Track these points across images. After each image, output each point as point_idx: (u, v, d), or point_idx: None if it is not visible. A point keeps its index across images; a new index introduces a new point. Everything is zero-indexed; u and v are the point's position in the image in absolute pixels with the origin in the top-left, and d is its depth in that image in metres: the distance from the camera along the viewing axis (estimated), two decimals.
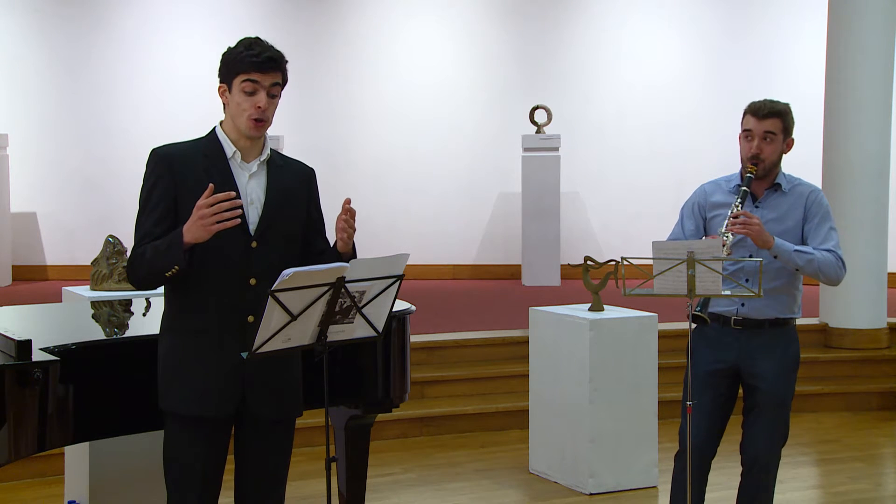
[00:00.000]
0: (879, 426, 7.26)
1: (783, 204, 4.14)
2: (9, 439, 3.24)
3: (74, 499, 4.78)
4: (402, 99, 11.50)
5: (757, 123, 4.08)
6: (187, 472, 3.28)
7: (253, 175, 3.32)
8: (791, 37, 11.22)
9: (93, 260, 5.73)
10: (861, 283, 8.08)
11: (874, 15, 8.08)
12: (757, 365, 4.11)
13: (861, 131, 8.07)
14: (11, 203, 10.83)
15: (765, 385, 4.12)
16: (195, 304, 3.26)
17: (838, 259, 4.07)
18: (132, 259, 3.26)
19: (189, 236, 3.12)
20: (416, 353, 6.33)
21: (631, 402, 5.81)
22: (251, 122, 3.26)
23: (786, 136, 4.12)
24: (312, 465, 6.00)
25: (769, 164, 4.10)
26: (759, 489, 4.19)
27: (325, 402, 3.28)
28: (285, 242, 3.35)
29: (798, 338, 4.22)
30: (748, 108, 4.14)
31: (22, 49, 11.09)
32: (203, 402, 3.25)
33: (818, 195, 4.16)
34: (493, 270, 11.51)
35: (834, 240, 4.09)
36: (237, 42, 3.30)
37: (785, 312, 4.15)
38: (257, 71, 3.23)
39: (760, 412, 4.14)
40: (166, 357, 3.32)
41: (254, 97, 3.25)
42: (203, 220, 3.10)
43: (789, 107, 4.16)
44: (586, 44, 11.56)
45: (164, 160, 3.27)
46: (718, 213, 4.15)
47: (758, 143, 4.07)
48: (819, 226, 4.10)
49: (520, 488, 5.91)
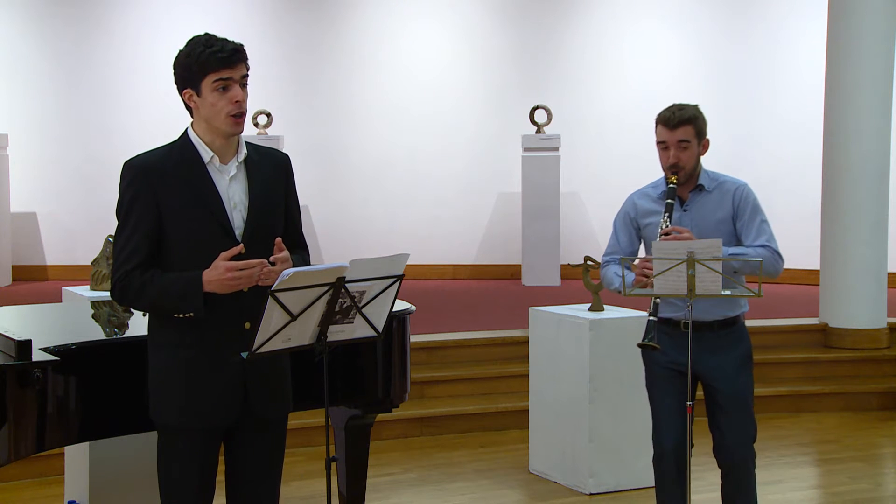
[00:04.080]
0: (879, 426, 7.26)
1: (710, 202, 4.17)
2: (9, 439, 3.24)
3: (74, 499, 4.78)
4: (403, 99, 11.50)
5: (669, 134, 4.11)
6: (185, 483, 3.25)
7: (233, 178, 3.25)
8: (791, 37, 11.22)
9: (93, 260, 5.74)
10: (861, 283, 8.09)
11: (874, 15, 8.08)
12: (711, 366, 4.14)
13: (861, 131, 8.06)
14: (11, 203, 10.83)
15: (722, 384, 4.14)
16: (190, 317, 3.19)
17: (773, 252, 4.09)
18: (124, 283, 3.17)
19: (209, 287, 3.11)
20: (416, 353, 6.31)
21: (631, 402, 5.80)
22: (231, 119, 3.19)
23: (700, 139, 4.15)
24: (312, 465, 6.00)
25: (689, 170, 4.13)
26: (740, 488, 4.20)
27: (325, 402, 3.28)
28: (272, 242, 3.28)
29: (748, 334, 4.26)
30: (658, 118, 4.15)
31: (22, 49, 11.09)
32: (206, 413, 3.22)
33: (744, 190, 4.18)
34: (493, 270, 11.51)
35: (767, 233, 4.13)
36: (189, 44, 3.20)
37: (732, 311, 4.17)
38: (227, 67, 3.17)
39: (723, 412, 4.17)
40: (162, 371, 3.25)
41: (229, 93, 3.18)
42: (232, 283, 3.10)
43: (698, 109, 4.18)
44: (586, 44, 11.57)
45: (142, 174, 3.19)
46: (650, 220, 4.20)
47: (674, 152, 4.10)
48: (750, 221, 4.14)
49: (520, 488, 5.91)
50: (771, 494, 5.67)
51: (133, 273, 3.17)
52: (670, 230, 3.99)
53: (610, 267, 4.28)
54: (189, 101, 3.24)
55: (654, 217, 4.18)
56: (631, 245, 4.27)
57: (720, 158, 9.40)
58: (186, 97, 3.23)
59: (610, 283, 4.25)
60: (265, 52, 11.14)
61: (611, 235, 4.35)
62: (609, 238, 4.36)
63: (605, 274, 4.29)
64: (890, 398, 7.67)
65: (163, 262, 3.20)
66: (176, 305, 3.15)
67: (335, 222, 11.31)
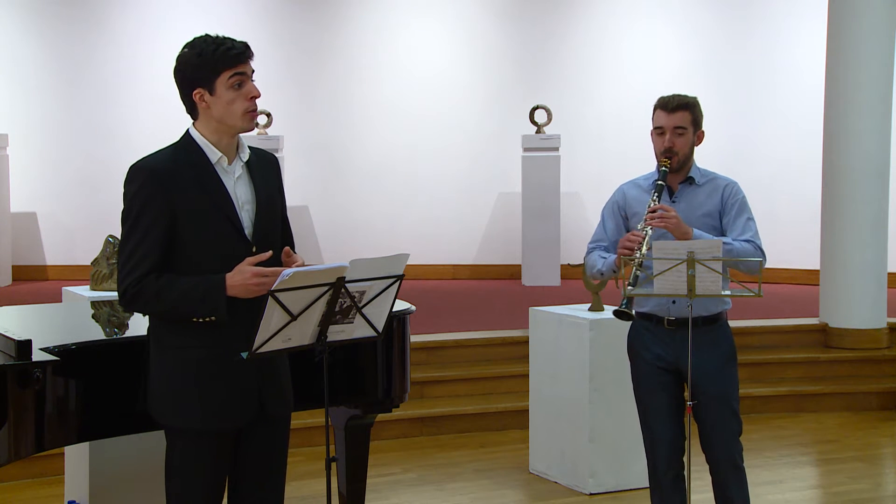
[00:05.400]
0: (879, 426, 7.26)
1: (699, 195, 4.19)
2: (9, 439, 3.24)
3: (74, 499, 4.78)
4: (403, 99, 11.49)
5: (667, 118, 4.12)
6: (195, 485, 3.24)
7: (239, 178, 3.26)
8: (791, 38, 11.21)
9: (93, 260, 5.73)
10: (861, 283, 8.09)
11: (874, 15, 8.08)
12: (695, 363, 4.13)
13: (861, 131, 8.06)
14: (11, 203, 10.83)
15: (706, 381, 4.14)
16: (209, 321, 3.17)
17: (757, 248, 4.11)
18: (138, 289, 3.13)
19: (232, 292, 3.11)
20: (416, 353, 6.32)
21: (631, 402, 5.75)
22: (248, 115, 3.21)
23: (696, 129, 4.17)
24: (312, 465, 6.00)
25: (682, 157, 4.14)
26: (731, 485, 4.21)
27: (325, 402, 3.28)
28: (277, 241, 3.31)
29: (731, 330, 4.26)
30: (657, 103, 4.18)
31: (22, 49, 11.09)
32: (224, 415, 3.21)
33: (734, 188, 4.21)
34: (493, 270, 11.50)
35: (752, 230, 4.15)
36: (195, 46, 3.19)
37: (715, 307, 4.17)
38: (241, 63, 3.19)
39: (709, 409, 4.17)
40: (172, 374, 3.21)
41: (244, 88, 3.20)
42: (257, 289, 3.10)
43: (697, 99, 4.20)
44: (587, 44, 11.56)
45: (153, 177, 3.16)
46: (638, 210, 4.20)
47: (670, 136, 4.11)
48: (737, 218, 4.15)
49: (520, 488, 5.91)
50: (771, 494, 5.67)
51: (147, 278, 3.14)
52: (657, 208, 4.01)
53: (595, 252, 4.28)
54: (200, 101, 3.20)
55: (642, 207, 4.17)
56: (618, 233, 4.25)
57: (720, 158, 9.44)
58: (197, 97, 3.20)
59: (592, 265, 4.24)
60: (265, 52, 11.08)
61: (598, 224, 4.36)
62: (596, 227, 4.36)
63: (588, 259, 4.29)
64: (890, 398, 7.67)
65: (173, 264, 3.18)
66: (197, 309, 3.14)
67: (335, 222, 11.31)
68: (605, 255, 4.22)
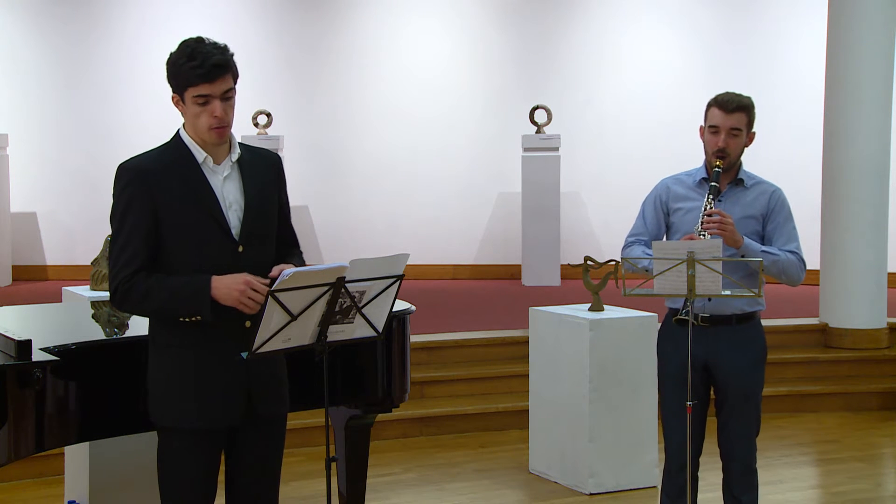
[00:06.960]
0: (879, 426, 7.26)
1: (745, 198, 4.18)
2: (9, 439, 3.24)
3: (74, 499, 4.78)
4: (403, 99, 11.49)
5: (724, 118, 4.10)
6: (187, 484, 3.25)
7: (227, 177, 3.25)
8: (791, 38, 11.21)
9: (93, 260, 5.73)
10: (861, 283, 8.08)
11: (874, 15, 8.07)
12: (726, 360, 4.13)
13: (861, 131, 8.06)
14: (11, 203, 10.82)
15: (735, 380, 4.14)
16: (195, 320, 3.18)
17: (800, 260, 4.13)
18: (127, 287, 3.14)
19: (218, 294, 3.10)
20: (416, 353, 6.33)
21: (631, 402, 5.80)
22: (213, 132, 3.18)
23: (748, 131, 4.16)
24: (312, 465, 6.00)
25: (734, 159, 4.14)
26: (743, 483, 4.21)
27: (325, 402, 3.28)
28: (268, 241, 3.31)
29: (763, 329, 4.25)
30: (714, 101, 4.14)
31: (22, 49, 11.09)
32: (211, 414, 3.21)
33: (781, 195, 4.21)
34: (493, 270, 11.50)
35: (796, 240, 4.16)
36: (178, 48, 3.18)
37: (750, 306, 4.16)
38: (206, 83, 3.13)
39: (733, 407, 4.16)
40: (166, 372, 3.24)
41: (208, 107, 3.15)
42: (241, 298, 3.09)
43: (752, 100, 4.19)
44: (587, 44, 11.56)
45: (139, 176, 3.18)
46: (680, 206, 4.19)
47: (724, 137, 4.09)
48: (783, 225, 4.15)
49: (520, 488, 5.91)
50: (771, 494, 5.67)
51: (136, 277, 3.16)
52: (714, 212, 3.98)
53: (637, 246, 4.24)
54: (177, 105, 3.23)
55: (684, 203, 4.16)
56: (658, 228, 4.24)
57: None
58: (174, 102, 3.24)
59: (637, 261, 4.12)
60: (265, 52, 11.15)
61: (637, 217, 4.32)
62: (635, 220, 4.32)
63: (629, 252, 4.21)
64: (890, 398, 7.67)
65: (161, 263, 3.19)
66: (184, 309, 3.15)
67: (335, 222, 11.31)
68: (649, 250, 4.15)
